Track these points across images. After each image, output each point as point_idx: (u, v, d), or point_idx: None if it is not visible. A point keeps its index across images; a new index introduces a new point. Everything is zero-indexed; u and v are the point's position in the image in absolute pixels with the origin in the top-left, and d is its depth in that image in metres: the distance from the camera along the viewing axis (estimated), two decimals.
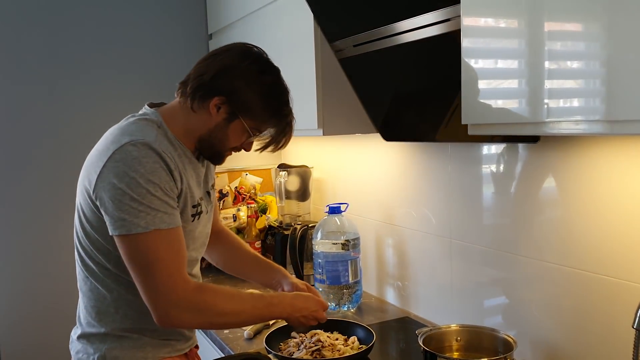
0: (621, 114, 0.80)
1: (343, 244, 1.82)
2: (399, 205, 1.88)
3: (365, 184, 2.06)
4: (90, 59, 2.44)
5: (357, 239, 1.86)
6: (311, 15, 1.67)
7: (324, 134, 1.72)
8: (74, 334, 1.31)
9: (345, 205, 1.91)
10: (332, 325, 1.54)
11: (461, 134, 1.14)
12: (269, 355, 1.37)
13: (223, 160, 1.34)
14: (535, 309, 1.40)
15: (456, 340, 1.38)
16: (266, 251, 2.31)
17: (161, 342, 1.28)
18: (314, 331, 1.48)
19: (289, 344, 1.47)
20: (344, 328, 1.55)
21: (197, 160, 1.31)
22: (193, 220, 1.28)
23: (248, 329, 1.64)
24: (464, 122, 1.08)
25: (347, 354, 1.40)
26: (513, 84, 0.99)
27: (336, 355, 1.39)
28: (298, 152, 2.54)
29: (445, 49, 1.24)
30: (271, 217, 2.39)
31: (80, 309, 1.30)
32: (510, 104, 0.99)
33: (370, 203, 2.03)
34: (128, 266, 1.16)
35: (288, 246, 2.11)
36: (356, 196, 2.11)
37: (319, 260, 1.85)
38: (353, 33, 1.50)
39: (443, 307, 1.72)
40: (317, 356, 1.39)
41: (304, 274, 2.07)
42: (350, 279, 1.83)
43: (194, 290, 1.18)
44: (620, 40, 0.79)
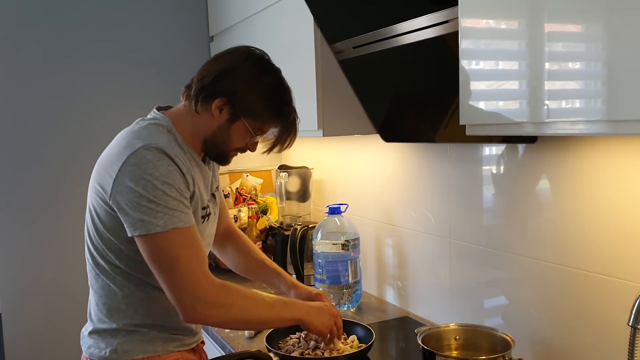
0: (621, 113, 0.80)
1: (343, 244, 1.83)
2: (398, 206, 1.89)
3: (365, 184, 2.07)
4: (93, 62, 2.47)
5: (357, 239, 1.87)
6: (311, 17, 1.68)
7: (324, 135, 1.73)
8: (85, 330, 1.32)
9: (345, 205, 1.93)
10: None
11: (461, 135, 1.15)
12: (270, 354, 1.39)
13: (229, 161, 1.35)
14: (533, 308, 1.41)
15: (455, 339, 1.39)
16: (267, 252, 2.32)
17: (170, 337, 1.29)
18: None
19: (288, 343, 1.48)
20: (343, 327, 1.55)
21: (204, 163, 1.32)
22: (203, 222, 1.30)
23: None
24: (462, 123, 1.09)
25: (347, 353, 1.41)
26: (511, 85, 0.99)
27: (335, 354, 1.40)
28: (298, 154, 2.56)
29: (444, 51, 1.25)
30: (272, 218, 2.40)
31: (92, 305, 1.31)
32: (509, 105, 1.00)
33: (369, 203, 2.04)
34: (151, 267, 1.17)
35: (288, 246, 2.12)
36: (356, 197, 2.12)
37: (319, 260, 1.86)
38: (353, 35, 1.52)
39: (442, 307, 1.73)
40: (317, 354, 1.40)
41: (304, 274, 2.08)
42: (350, 279, 1.84)
43: (218, 286, 1.19)
44: (620, 41, 0.79)
